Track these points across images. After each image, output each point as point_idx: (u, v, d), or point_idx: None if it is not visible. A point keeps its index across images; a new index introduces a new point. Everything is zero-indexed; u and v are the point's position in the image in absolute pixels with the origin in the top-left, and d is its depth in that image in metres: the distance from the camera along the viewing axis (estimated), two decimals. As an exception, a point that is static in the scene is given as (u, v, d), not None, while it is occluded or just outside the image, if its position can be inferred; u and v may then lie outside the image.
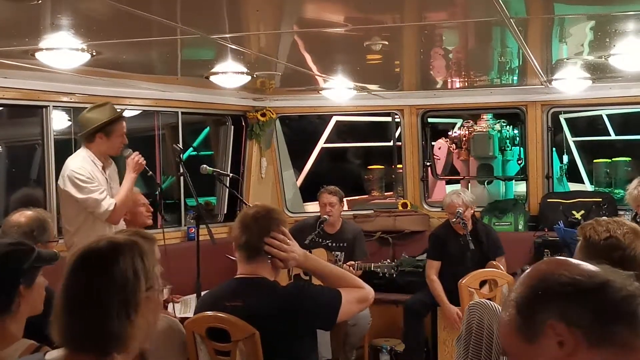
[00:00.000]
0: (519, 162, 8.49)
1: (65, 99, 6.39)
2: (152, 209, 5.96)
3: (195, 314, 3.64)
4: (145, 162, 5.58)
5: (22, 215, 4.06)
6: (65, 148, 7.03)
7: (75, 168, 5.42)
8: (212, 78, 5.82)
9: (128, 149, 5.62)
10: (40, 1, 3.29)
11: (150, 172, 5.64)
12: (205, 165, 6.05)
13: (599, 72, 6.21)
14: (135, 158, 5.54)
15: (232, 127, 8.26)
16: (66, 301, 2.15)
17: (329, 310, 3.39)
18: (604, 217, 3.45)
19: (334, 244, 7.06)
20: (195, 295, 5.63)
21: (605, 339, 1.60)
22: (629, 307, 1.62)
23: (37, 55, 4.57)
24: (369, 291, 3.55)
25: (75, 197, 5.37)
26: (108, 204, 5.37)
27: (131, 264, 2.17)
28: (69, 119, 7.11)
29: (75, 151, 5.71)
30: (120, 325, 2.11)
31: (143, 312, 2.17)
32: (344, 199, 7.30)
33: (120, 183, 5.66)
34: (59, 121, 6.78)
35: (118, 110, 5.71)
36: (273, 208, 3.58)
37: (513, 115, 9.10)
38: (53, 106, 6.32)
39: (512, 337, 1.70)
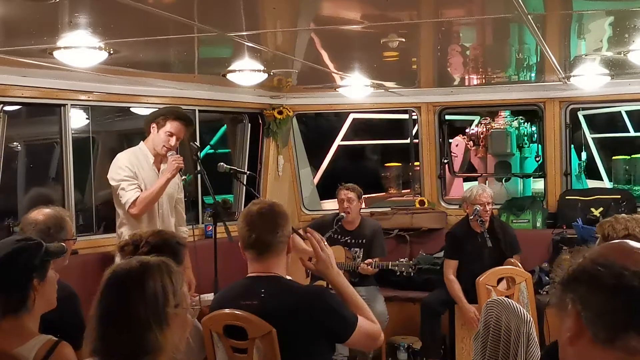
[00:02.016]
0: (537, 159, 8.46)
1: (83, 97, 6.41)
2: None
3: (211, 312, 3.64)
4: (182, 166, 5.60)
5: (40, 213, 4.07)
6: (83, 146, 7.08)
7: (119, 157, 5.63)
8: (229, 76, 5.82)
9: (173, 152, 5.68)
10: (58, 0, 3.31)
11: (184, 177, 5.67)
12: (222, 163, 6.07)
13: (617, 68, 6.17)
14: (173, 159, 5.57)
15: (249, 124, 8.27)
16: (100, 316, 2.32)
17: (345, 326, 3.33)
18: (624, 215, 3.44)
19: (352, 241, 7.05)
20: (213, 294, 5.64)
21: (609, 339, 1.58)
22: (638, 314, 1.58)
23: (55, 53, 4.59)
24: (380, 331, 3.48)
25: (111, 185, 5.57)
26: (130, 195, 5.44)
27: (160, 282, 2.34)
28: (87, 117, 7.14)
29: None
30: (154, 336, 2.26)
31: (172, 327, 2.32)
32: (362, 196, 7.29)
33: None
34: (77, 119, 6.81)
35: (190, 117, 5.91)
36: (275, 203, 3.52)
37: (531, 112, 9.06)
38: (71, 105, 6.33)
39: (555, 302, 1.73)
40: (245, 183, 7.07)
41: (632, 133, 12.32)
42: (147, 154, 5.64)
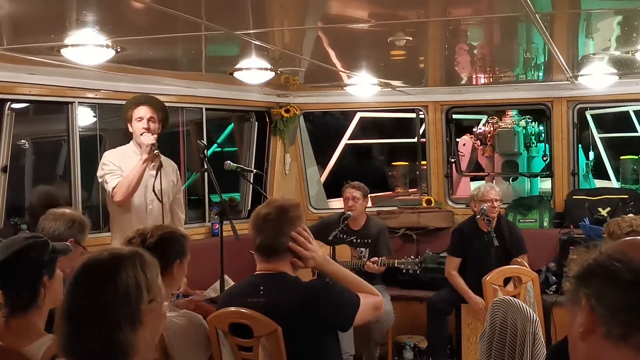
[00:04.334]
0: (544, 158, 8.45)
1: (90, 95, 6.43)
2: None
3: (217, 309, 3.65)
4: (153, 142, 5.45)
5: (68, 210, 4.26)
6: (90, 144, 7.08)
7: (104, 155, 5.61)
8: (236, 74, 5.83)
9: (147, 134, 5.51)
10: (65, -3, 3.32)
11: (157, 151, 5.45)
12: (229, 162, 6.06)
13: (625, 67, 6.15)
14: (144, 138, 5.48)
15: (256, 123, 8.27)
16: (68, 311, 2.14)
17: (348, 312, 3.40)
18: (631, 215, 3.45)
19: (358, 240, 7.05)
20: (218, 282, 5.65)
21: (621, 336, 1.58)
22: None
23: (63, 51, 4.59)
24: (381, 298, 3.60)
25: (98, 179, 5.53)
26: (112, 184, 5.43)
27: (133, 276, 2.15)
28: (94, 115, 7.15)
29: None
30: (123, 337, 2.09)
31: (146, 323, 2.16)
32: (368, 195, 7.28)
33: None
34: (84, 117, 6.82)
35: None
36: (285, 207, 3.47)
37: (538, 112, 9.05)
38: (78, 102, 6.36)
39: (569, 296, 1.73)
40: (252, 181, 7.07)
41: (639, 133, 12.29)
42: (136, 150, 5.60)
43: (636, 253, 1.65)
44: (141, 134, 5.51)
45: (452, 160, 8.50)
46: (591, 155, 10.26)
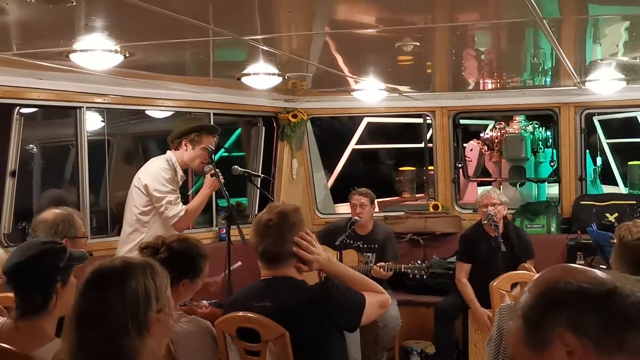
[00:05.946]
0: (552, 164, 8.43)
1: (98, 100, 6.45)
2: None
3: (224, 314, 3.66)
4: (222, 182, 5.68)
5: (50, 213, 4.16)
6: (98, 149, 7.10)
7: (162, 166, 5.63)
8: (244, 79, 5.84)
9: (210, 165, 5.71)
10: (74, 3, 3.32)
11: (226, 193, 5.70)
12: (236, 166, 6.08)
13: (633, 73, 6.14)
14: (212, 177, 5.66)
15: (264, 128, 8.29)
16: (78, 316, 2.19)
17: (355, 312, 3.42)
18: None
19: (365, 246, 7.04)
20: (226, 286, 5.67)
21: (615, 346, 1.57)
22: (638, 313, 1.58)
23: (71, 56, 4.61)
24: (388, 297, 3.63)
25: (153, 194, 5.52)
26: (179, 209, 5.54)
27: (143, 283, 2.21)
28: (102, 120, 7.17)
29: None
30: (130, 342, 2.13)
31: (153, 332, 2.19)
32: (375, 201, 7.28)
33: None
34: (92, 122, 6.84)
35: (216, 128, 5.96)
36: (286, 212, 3.48)
37: (546, 117, 9.04)
38: (86, 107, 6.38)
39: (520, 347, 1.67)
40: (259, 186, 7.08)
41: (647, 139, 12.25)
42: (177, 167, 5.68)
43: (574, 275, 1.66)
44: (206, 168, 5.71)
45: (459, 165, 8.49)
46: (599, 160, 10.22)
